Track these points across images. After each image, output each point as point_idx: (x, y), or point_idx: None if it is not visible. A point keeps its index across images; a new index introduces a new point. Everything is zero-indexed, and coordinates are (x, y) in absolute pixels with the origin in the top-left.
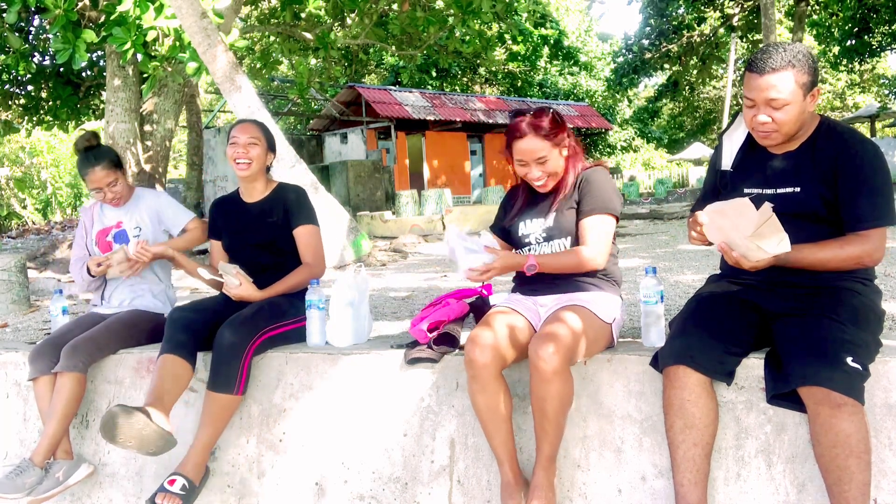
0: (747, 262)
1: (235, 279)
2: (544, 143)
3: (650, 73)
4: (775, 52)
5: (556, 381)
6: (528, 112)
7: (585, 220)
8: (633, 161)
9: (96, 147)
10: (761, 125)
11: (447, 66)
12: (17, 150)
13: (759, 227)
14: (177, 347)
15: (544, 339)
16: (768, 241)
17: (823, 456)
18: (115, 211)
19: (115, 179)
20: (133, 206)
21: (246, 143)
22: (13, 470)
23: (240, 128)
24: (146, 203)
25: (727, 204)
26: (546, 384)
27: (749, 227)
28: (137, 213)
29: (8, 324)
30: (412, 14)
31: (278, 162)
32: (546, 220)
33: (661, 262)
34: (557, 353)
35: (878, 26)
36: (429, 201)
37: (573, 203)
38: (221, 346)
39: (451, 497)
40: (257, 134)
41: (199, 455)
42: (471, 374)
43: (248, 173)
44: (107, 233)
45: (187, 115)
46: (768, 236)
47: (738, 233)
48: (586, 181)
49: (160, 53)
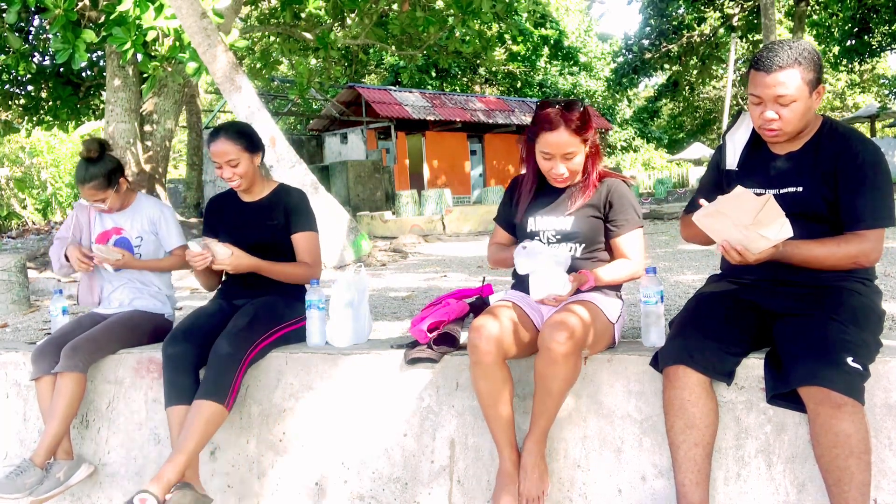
0: (751, 255)
1: (226, 249)
2: (574, 139)
3: (650, 73)
4: (781, 49)
5: (566, 364)
6: (558, 103)
7: (626, 234)
8: (632, 161)
9: (94, 160)
10: (768, 122)
11: (447, 66)
12: (17, 150)
13: (758, 214)
14: (181, 397)
15: (558, 325)
16: (769, 228)
17: (823, 456)
18: (113, 215)
19: (103, 198)
20: (134, 213)
21: (230, 165)
22: (13, 470)
23: (214, 152)
24: (148, 212)
25: (723, 200)
26: (555, 366)
27: (749, 215)
28: (139, 222)
29: (8, 324)
30: (412, 14)
31: (278, 162)
32: (562, 220)
33: (661, 262)
34: (570, 339)
35: (878, 26)
36: (429, 201)
37: (597, 212)
38: (218, 356)
39: (451, 497)
40: (233, 150)
41: (172, 472)
42: (474, 360)
43: (245, 186)
44: (107, 237)
45: (187, 115)
46: (768, 223)
47: (737, 226)
48: (618, 194)
49: (160, 53)
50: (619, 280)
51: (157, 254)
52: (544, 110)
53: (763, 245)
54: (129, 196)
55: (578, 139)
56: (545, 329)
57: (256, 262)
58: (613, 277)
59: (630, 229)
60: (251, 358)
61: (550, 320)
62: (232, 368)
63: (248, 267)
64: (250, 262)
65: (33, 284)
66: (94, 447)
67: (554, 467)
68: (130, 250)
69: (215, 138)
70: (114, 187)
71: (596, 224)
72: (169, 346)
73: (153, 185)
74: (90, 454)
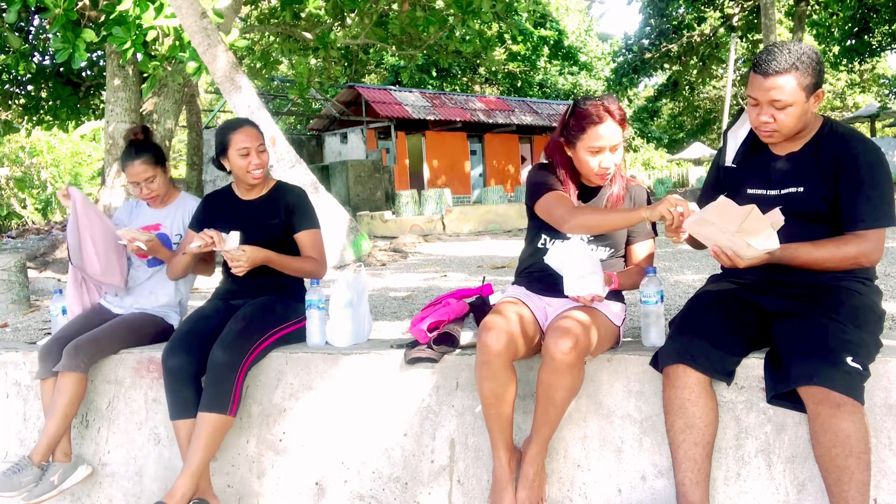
0: (741, 261)
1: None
2: (619, 129)
3: (650, 73)
4: (779, 53)
5: (571, 374)
6: (594, 98)
7: (644, 242)
8: (633, 161)
9: (141, 141)
10: (764, 124)
11: (447, 66)
12: (17, 150)
13: (743, 223)
14: (185, 410)
15: (562, 333)
16: (756, 238)
17: (823, 456)
18: (154, 211)
19: (152, 176)
20: (176, 211)
21: (258, 151)
22: (11, 468)
23: (246, 135)
24: (189, 210)
25: (709, 209)
26: (559, 376)
27: (734, 223)
28: (179, 219)
29: (8, 324)
30: (412, 14)
31: (278, 162)
32: None
33: (661, 262)
34: (575, 349)
35: (878, 26)
36: (429, 201)
37: None
38: (215, 365)
39: (451, 497)
40: (262, 137)
41: (187, 485)
42: (483, 359)
43: (262, 179)
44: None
45: (187, 115)
46: (755, 232)
47: (724, 233)
48: (640, 202)
49: (160, 53)
50: (636, 286)
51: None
52: (585, 107)
53: (751, 253)
54: (172, 192)
55: (622, 131)
56: (549, 336)
57: (269, 254)
58: (633, 282)
59: (648, 238)
60: (249, 363)
61: (555, 325)
62: (230, 377)
63: (262, 260)
64: (264, 255)
65: (33, 284)
66: (93, 447)
67: (554, 467)
68: (169, 247)
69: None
70: (162, 167)
71: (624, 230)
72: (168, 357)
73: None
74: (90, 454)
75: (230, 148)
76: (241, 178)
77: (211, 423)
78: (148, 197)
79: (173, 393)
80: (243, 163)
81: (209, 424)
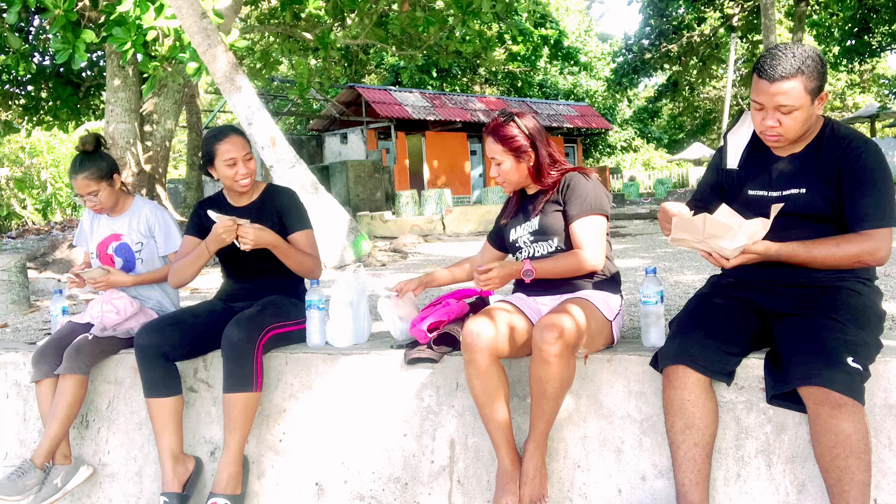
0: (727, 262)
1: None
2: (496, 144)
3: (650, 74)
4: (784, 57)
5: (558, 363)
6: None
7: (576, 222)
8: (633, 161)
9: (90, 153)
10: (770, 129)
11: (447, 66)
12: (17, 150)
13: (705, 230)
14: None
15: (548, 324)
16: (723, 241)
17: (823, 456)
18: (111, 220)
19: (95, 190)
20: (132, 217)
21: (245, 160)
22: (14, 471)
23: (231, 144)
24: (145, 216)
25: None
26: (548, 366)
27: (699, 234)
28: (136, 226)
29: (8, 324)
30: (412, 14)
31: (278, 162)
32: (532, 223)
33: (661, 262)
34: (561, 339)
35: (878, 26)
36: (429, 201)
37: (557, 206)
38: (231, 344)
39: (451, 497)
40: (248, 145)
41: (233, 465)
42: (467, 358)
43: (250, 186)
44: (106, 245)
45: (187, 116)
46: (720, 235)
47: (699, 243)
48: (569, 185)
49: (160, 53)
50: (562, 270)
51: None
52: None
53: (729, 254)
54: (125, 199)
55: (496, 143)
56: (536, 330)
57: (276, 238)
58: (554, 267)
59: (581, 216)
60: (265, 341)
61: (541, 321)
62: (248, 353)
63: (268, 242)
64: (271, 238)
65: (33, 284)
66: (93, 447)
67: (554, 467)
68: (132, 257)
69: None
70: (107, 181)
71: (560, 217)
72: (139, 335)
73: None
74: (90, 454)
75: (216, 158)
76: (230, 186)
77: (239, 403)
78: (94, 209)
79: (143, 371)
80: (230, 172)
81: (237, 405)
